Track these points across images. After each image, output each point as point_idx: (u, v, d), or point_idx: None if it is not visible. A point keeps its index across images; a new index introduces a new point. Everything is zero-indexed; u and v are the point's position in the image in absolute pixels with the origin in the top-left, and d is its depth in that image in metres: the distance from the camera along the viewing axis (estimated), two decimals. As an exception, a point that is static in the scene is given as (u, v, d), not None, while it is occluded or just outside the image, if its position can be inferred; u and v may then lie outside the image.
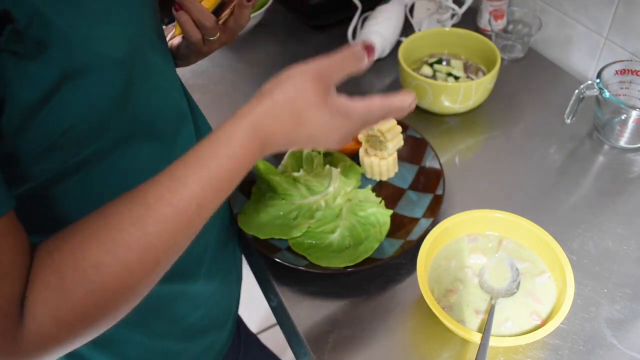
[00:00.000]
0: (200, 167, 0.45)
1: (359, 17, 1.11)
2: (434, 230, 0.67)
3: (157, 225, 0.43)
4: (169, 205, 0.44)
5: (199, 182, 0.45)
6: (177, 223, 0.44)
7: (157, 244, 0.43)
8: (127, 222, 0.43)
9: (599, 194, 0.81)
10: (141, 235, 0.43)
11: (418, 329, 0.67)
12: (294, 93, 0.49)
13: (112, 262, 0.42)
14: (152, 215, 0.43)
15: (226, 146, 0.46)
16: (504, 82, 0.99)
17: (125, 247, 0.42)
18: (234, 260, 0.78)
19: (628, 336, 0.65)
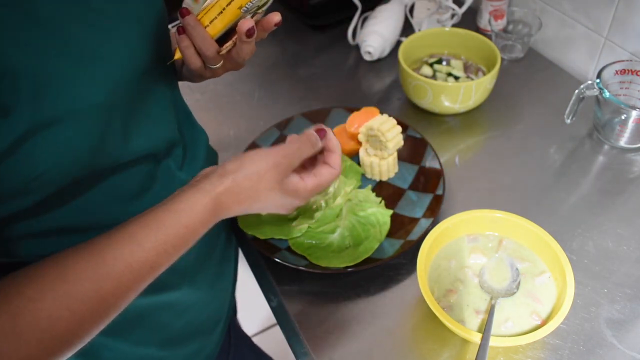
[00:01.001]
0: (160, 233, 0.48)
1: (359, 17, 1.11)
2: (434, 230, 0.67)
3: (112, 283, 0.45)
4: (126, 267, 0.46)
5: (156, 247, 0.48)
6: (131, 282, 0.47)
7: (110, 300, 0.45)
8: (83, 277, 0.44)
9: (599, 194, 0.81)
10: (96, 291, 0.44)
11: (418, 329, 0.67)
12: (255, 178, 0.54)
13: (65, 315, 0.43)
14: (108, 274, 0.45)
15: (186, 217, 0.50)
16: (504, 82, 0.99)
17: (80, 301, 0.44)
18: (223, 267, 0.76)
19: (628, 336, 0.65)
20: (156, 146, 0.56)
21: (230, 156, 0.87)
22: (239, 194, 0.53)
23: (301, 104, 0.98)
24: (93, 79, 0.44)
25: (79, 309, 0.43)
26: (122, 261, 0.46)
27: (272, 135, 0.87)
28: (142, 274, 0.47)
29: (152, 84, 0.54)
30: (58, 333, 0.43)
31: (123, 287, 0.46)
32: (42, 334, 0.42)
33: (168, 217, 0.49)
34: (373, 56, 1.07)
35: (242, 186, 0.53)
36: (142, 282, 0.48)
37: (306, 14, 1.16)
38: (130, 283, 0.46)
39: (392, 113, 0.84)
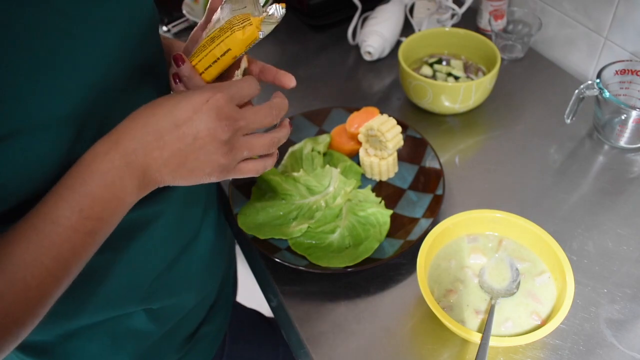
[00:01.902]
0: (67, 212, 0.44)
1: (359, 17, 1.11)
2: (434, 230, 0.67)
3: (38, 271, 0.43)
4: (41, 255, 0.43)
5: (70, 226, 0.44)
6: (56, 269, 0.44)
7: (54, 282, 0.44)
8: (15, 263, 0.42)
9: (599, 194, 0.81)
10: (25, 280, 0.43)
11: (418, 329, 0.67)
12: (150, 105, 0.47)
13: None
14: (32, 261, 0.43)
15: (92, 183, 0.44)
16: (504, 82, 0.99)
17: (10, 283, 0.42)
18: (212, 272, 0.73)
19: (628, 336, 0.65)
20: None
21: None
22: (141, 126, 0.46)
23: (301, 104, 0.98)
24: (56, 89, 0.42)
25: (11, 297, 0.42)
26: (34, 251, 0.43)
27: (272, 135, 0.87)
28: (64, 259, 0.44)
29: (136, 91, 0.52)
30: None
31: (47, 289, 0.44)
32: None
33: (73, 189, 0.44)
34: (373, 56, 1.07)
35: (138, 118, 0.46)
36: (68, 266, 0.45)
37: (306, 14, 1.16)
38: (54, 270, 0.44)
39: (392, 113, 0.84)
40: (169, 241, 0.63)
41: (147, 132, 0.45)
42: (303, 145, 0.85)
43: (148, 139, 0.45)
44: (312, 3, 1.14)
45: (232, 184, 0.80)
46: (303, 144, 0.85)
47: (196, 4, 1.18)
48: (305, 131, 0.89)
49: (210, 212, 0.72)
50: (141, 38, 0.51)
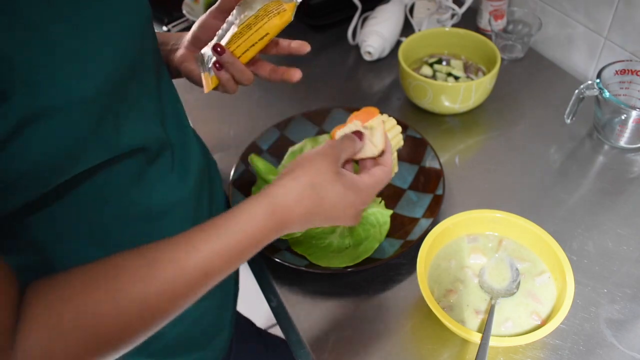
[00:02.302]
0: (217, 239, 0.48)
1: (359, 17, 1.11)
2: (434, 230, 0.67)
3: (163, 286, 0.45)
4: (179, 269, 0.45)
5: (212, 252, 0.47)
6: (183, 287, 0.46)
7: (160, 303, 0.45)
8: (134, 276, 0.44)
9: (599, 194, 0.81)
10: (145, 292, 0.44)
11: (418, 329, 0.67)
12: (314, 172, 0.54)
13: (111, 313, 0.42)
14: (160, 275, 0.45)
15: (245, 223, 0.49)
16: (504, 82, 0.99)
17: (127, 300, 0.43)
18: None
19: (628, 336, 0.65)
20: (146, 140, 0.55)
21: (229, 155, 0.87)
22: (300, 193, 0.52)
23: (301, 104, 0.98)
24: (81, 74, 0.44)
25: (125, 308, 0.43)
26: (175, 263, 0.45)
27: (272, 135, 0.87)
28: (195, 280, 0.46)
29: (139, 82, 0.54)
30: (103, 332, 0.42)
31: (174, 291, 0.45)
32: (86, 330, 0.41)
33: (226, 223, 0.49)
34: (373, 56, 1.07)
35: (302, 183, 0.52)
36: (194, 289, 0.47)
37: (306, 14, 1.16)
38: (182, 288, 0.45)
39: (392, 113, 0.84)
40: None
41: (305, 214, 0.53)
42: (303, 145, 0.85)
43: (309, 223, 0.54)
44: (312, 3, 1.14)
45: (232, 184, 0.80)
46: (303, 144, 0.85)
47: (196, 4, 1.18)
48: (305, 131, 0.89)
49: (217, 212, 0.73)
50: (142, 30, 0.53)
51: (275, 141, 0.87)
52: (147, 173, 0.57)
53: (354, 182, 0.56)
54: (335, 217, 0.56)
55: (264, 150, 0.86)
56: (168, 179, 0.60)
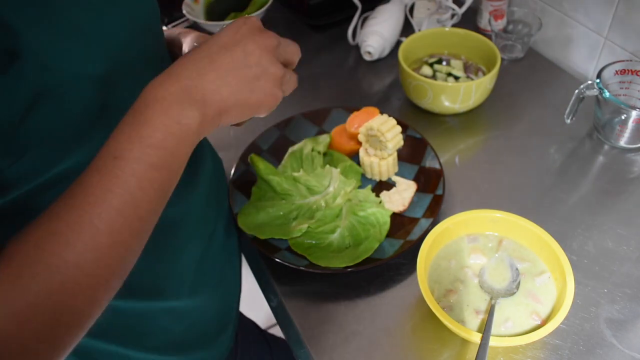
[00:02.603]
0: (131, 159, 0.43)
1: (359, 17, 1.11)
2: (434, 230, 0.67)
3: (105, 222, 0.41)
4: (117, 188, 0.41)
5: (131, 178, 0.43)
6: (123, 227, 0.42)
7: (124, 225, 0.42)
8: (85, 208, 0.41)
9: (599, 194, 0.81)
10: (110, 215, 0.41)
11: (418, 329, 0.67)
12: (188, 52, 0.49)
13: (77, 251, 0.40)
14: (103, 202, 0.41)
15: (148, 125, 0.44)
16: (504, 82, 0.99)
17: (95, 229, 0.40)
18: (225, 274, 0.75)
19: (628, 336, 0.65)
20: None
21: (229, 155, 0.87)
22: (190, 60, 0.47)
23: (301, 104, 0.98)
24: (89, 53, 0.44)
25: (95, 239, 0.40)
26: (111, 186, 0.41)
27: (272, 135, 0.87)
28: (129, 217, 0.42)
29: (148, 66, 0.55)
30: (70, 274, 0.39)
31: (118, 235, 0.41)
32: (51, 277, 0.39)
33: (129, 134, 0.43)
34: (373, 56, 1.07)
35: (186, 55, 0.48)
36: (137, 223, 0.43)
37: (306, 14, 1.16)
38: (123, 229, 0.42)
39: (392, 113, 0.84)
40: (192, 239, 0.65)
41: (199, 59, 0.47)
42: (303, 145, 0.85)
43: (201, 64, 0.46)
44: (312, 3, 1.14)
45: (232, 184, 0.80)
46: (303, 144, 0.85)
47: (196, 4, 1.18)
48: (305, 131, 0.89)
49: (222, 210, 0.74)
50: (146, 22, 0.54)
51: (275, 141, 0.87)
52: None
53: (235, 22, 0.50)
54: (239, 73, 0.48)
55: (264, 150, 0.86)
56: None
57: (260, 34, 0.49)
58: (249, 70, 0.48)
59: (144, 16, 0.54)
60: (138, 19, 0.52)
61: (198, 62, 0.47)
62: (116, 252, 0.42)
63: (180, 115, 0.44)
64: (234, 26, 0.49)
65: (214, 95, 0.46)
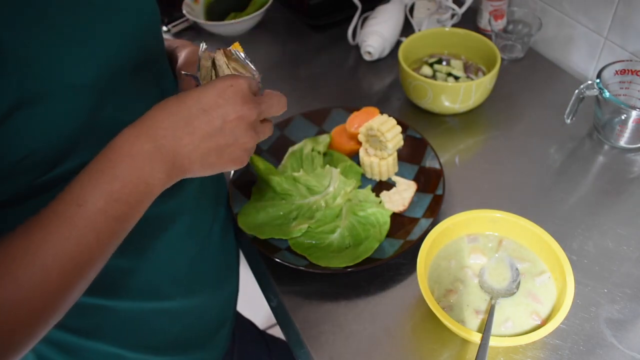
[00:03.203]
0: (96, 192, 0.43)
1: (359, 17, 1.11)
2: (434, 230, 0.67)
3: (53, 261, 0.42)
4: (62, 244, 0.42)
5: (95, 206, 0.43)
6: (78, 258, 0.43)
7: (76, 270, 0.42)
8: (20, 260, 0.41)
9: (599, 194, 0.81)
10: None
11: (418, 329, 0.67)
12: (174, 99, 0.49)
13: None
14: (44, 253, 0.41)
15: (122, 166, 0.45)
16: (504, 82, 0.99)
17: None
18: (222, 275, 0.75)
19: (628, 336, 0.65)
20: None
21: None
22: (169, 114, 0.47)
23: (301, 104, 0.98)
24: (79, 61, 0.44)
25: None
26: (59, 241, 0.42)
27: (272, 135, 0.87)
28: (86, 244, 0.43)
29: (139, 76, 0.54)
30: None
31: (68, 278, 0.42)
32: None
33: (105, 172, 0.44)
34: (373, 56, 1.07)
35: (166, 107, 0.47)
36: (90, 258, 0.43)
37: (306, 14, 1.16)
38: (77, 261, 0.42)
39: (392, 113, 0.84)
40: (186, 239, 0.65)
41: (177, 119, 0.47)
42: (303, 145, 0.85)
43: (178, 125, 0.47)
44: (312, 3, 1.14)
45: (232, 184, 0.80)
46: (303, 144, 0.85)
47: (196, 4, 1.18)
48: (305, 131, 0.89)
49: (220, 210, 0.74)
50: (144, 30, 0.54)
51: (275, 141, 0.87)
52: None
53: (213, 83, 0.50)
54: (212, 123, 0.48)
55: (264, 150, 0.86)
56: None
57: (242, 104, 0.49)
58: (222, 138, 0.49)
59: (141, 24, 0.53)
60: (134, 27, 0.52)
61: (176, 123, 0.47)
62: (63, 293, 0.43)
63: (149, 176, 0.45)
64: (220, 86, 0.49)
65: (184, 159, 0.47)
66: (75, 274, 0.43)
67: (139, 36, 0.53)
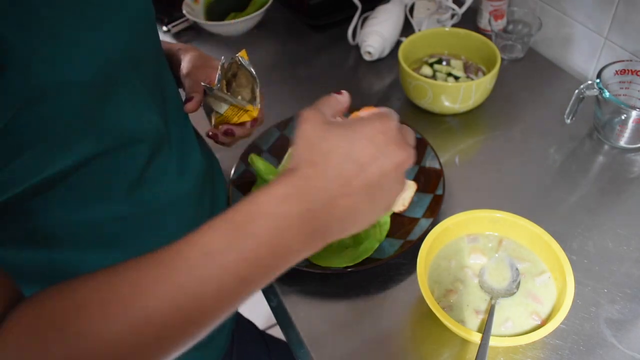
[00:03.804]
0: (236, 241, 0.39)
1: (359, 17, 1.11)
2: (434, 230, 0.67)
3: (170, 304, 0.37)
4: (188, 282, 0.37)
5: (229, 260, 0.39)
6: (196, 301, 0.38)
7: (155, 319, 0.37)
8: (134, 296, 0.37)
9: (599, 194, 0.81)
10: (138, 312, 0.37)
11: (418, 329, 0.67)
12: (302, 135, 0.44)
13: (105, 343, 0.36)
14: (156, 291, 0.37)
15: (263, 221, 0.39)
16: (504, 82, 0.99)
17: (124, 325, 0.37)
18: None
19: (628, 336, 0.65)
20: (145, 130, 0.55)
21: (229, 155, 0.87)
22: (305, 156, 0.42)
23: (301, 104, 0.97)
24: (75, 60, 0.44)
25: (120, 335, 0.37)
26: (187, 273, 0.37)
27: (272, 135, 0.87)
28: (210, 293, 0.38)
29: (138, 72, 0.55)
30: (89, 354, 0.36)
31: (174, 307, 0.37)
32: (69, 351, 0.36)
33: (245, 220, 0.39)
34: (373, 56, 1.07)
35: (299, 153, 0.43)
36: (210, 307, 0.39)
37: (306, 14, 1.16)
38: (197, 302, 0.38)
39: (392, 113, 0.84)
40: None
41: (331, 175, 0.41)
42: (303, 145, 0.85)
43: (333, 185, 0.41)
44: (312, 3, 1.14)
45: (232, 184, 0.80)
46: (303, 144, 0.85)
47: (196, 4, 1.18)
48: (305, 131, 0.89)
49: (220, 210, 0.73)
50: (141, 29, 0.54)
51: (275, 141, 0.87)
52: (147, 169, 0.57)
53: (351, 119, 0.45)
54: (364, 165, 0.42)
55: (264, 150, 0.86)
56: (167, 175, 0.60)
57: (398, 150, 0.43)
58: (378, 193, 0.42)
59: (138, 23, 0.53)
60: (132, 26, 0.52)
61: (331, 181, 0.41)
62: (158, 345, 0.38)
63: (291, 241, 0.40)
64: (369, 134, 0.42)
65: (334, 224, 0.41)
66: (178, 328, 0.38)
67: (138, 34, 0.53)
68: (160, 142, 0.58)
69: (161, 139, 0.58)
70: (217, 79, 0.66)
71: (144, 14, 0.55)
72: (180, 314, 0.37)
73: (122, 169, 0.54)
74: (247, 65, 0.68)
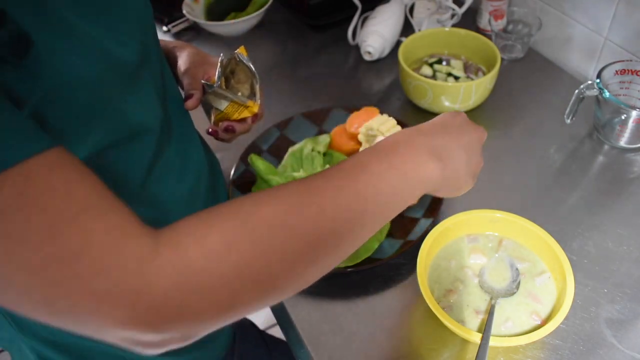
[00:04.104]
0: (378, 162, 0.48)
1: (359, 17, 1.11)
2: (434, 230, 0.67)
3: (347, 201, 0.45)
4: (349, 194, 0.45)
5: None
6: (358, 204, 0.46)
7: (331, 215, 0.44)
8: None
9: (599, 194, 0.81)
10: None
11: (418, 329, 0.67)
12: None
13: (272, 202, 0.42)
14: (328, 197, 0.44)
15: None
16: (504, 82, 0.99)
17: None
18: None
19: (628, 336, 0.65)
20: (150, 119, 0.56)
21: (229, 155, 0.87)
22: (430, 134, 0.53)
23: (301, 104, 0.98)
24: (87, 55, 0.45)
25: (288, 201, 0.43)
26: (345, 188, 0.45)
27: (272, 135, 0.87)
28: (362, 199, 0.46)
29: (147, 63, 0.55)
30: (264, 218, 0.41)
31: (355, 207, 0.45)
32: (243, 216, 0.40)
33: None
34: (373, 56, 1.07)
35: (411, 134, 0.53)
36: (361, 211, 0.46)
37: (306, 14, 1.16)
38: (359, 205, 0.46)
39: (392, 113, 0.84)
40: None
41: (432, 131, 0.53)
42: (303, 145, 0.85)
43: (444, 139, 0.53)
44: (312, 3, 1.14)
45: (232, 184, 0.80)
46: (303, 144, 0.85)
47: (196, 4, 1.18)
48: (305, 131, 0.89)
49: None
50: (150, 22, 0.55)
51: (275, 141, 0.87)
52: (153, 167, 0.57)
53: None
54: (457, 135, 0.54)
55: (264, 150, 0.86)
56: (171, 173, 0.61)
57: (473, 127, 0.57)
58: (472, 158, 0.56)
59: (146, 20, 0.54)
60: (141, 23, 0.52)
61: (441, 136, 0.52)
62: (333, 239, 0.48)
63: (427, 161, 0.49)
64: (447, 116, 0.56)
65: (450, 163, 0.52)
66: (349, 224, 0.46)
67: (147, 29, 0.54)
68: (164, 136, 0.59)
69: (165, 134, 0.59)
70: (217, 76, 0.66)
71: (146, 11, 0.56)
72: (349, 211, 0.45)
73: (131, 164, 0.54)
74: (246, 61, 0.68)
